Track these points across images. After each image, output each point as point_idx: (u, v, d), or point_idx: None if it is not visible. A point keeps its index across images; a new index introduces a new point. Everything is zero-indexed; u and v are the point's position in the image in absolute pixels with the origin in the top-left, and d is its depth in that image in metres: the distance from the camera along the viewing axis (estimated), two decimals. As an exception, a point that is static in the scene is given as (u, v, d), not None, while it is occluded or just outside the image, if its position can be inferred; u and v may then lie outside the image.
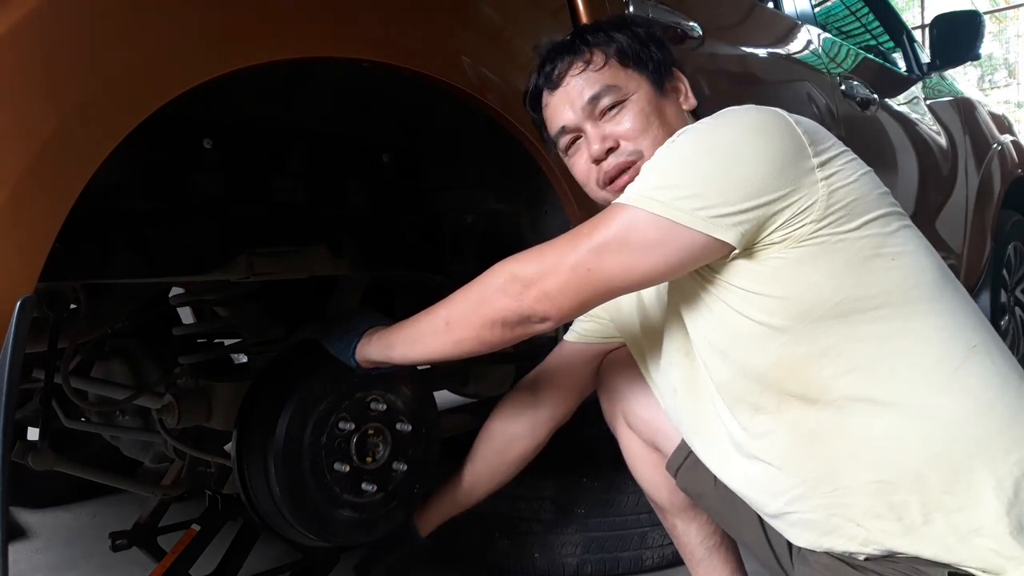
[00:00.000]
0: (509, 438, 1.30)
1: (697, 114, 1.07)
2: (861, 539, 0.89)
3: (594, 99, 1.02)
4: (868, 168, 0.93)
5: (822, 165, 0.86)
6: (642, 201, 0.87)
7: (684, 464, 1.15)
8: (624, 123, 1.01)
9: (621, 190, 0.97)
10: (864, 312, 0.86)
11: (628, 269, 0.89)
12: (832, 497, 0.90)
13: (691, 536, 1.28)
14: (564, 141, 1.07)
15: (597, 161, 1.03)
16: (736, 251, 0.87)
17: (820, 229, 0.85)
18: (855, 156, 0.93)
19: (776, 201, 0.85)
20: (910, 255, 0.89)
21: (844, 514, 0.90)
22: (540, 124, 1.11)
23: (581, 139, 1.05)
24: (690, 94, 1.07)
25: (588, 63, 1.03)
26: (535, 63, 1.10)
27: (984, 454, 0.83)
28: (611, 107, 1.02)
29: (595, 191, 1.06)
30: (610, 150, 1.02)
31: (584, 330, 1.27)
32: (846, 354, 0.87)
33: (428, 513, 1.34)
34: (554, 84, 1.05)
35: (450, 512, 1.34)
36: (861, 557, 0.90)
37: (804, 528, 0.95)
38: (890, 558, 0.88)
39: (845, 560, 0.92)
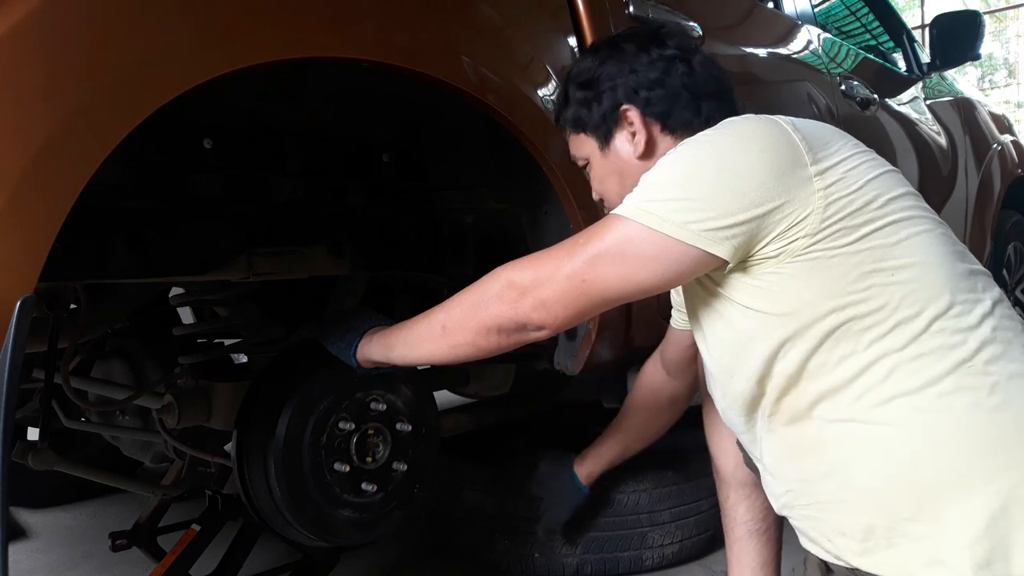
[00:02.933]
0: (659, 384, 1.45)
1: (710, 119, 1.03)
2: (832, 554, 0.90)
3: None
4: (884, 169, 0.90)
5: (821, 174, 0.85)
6: (637, 213, 0.87)
7: None
8: (592, 182, 1.12)
9: None
10: (855, 332, 0.84)
11: (623, 280, 0.89)
12: (808, 510, 0.92)
13: (738, 513, 1.30)
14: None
15: None
16: (731, 265, 0.87)
17: (815, 243, 0.84)
18: (869, 158, 0.90)
19: (770, 213, 0.84)
20: (914, 267, 0.85)
21: (818, 528, 0.91)
22: None
23: None
24: (640, 138, 1.03)
25: (562, 129, 1.14)
26: None
27: (956, 483, 0.80)
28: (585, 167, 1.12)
29: None
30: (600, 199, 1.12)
31: (676, 318, 1.34)
32: (833, 373, 0.86)
33: (589, 464, 1.54)
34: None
35: (615, 459, 1.54)
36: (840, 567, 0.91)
37: (797, 532, 0.97)
38: (856, 573, 0.88)
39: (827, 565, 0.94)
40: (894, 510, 0.83)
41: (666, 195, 0.87)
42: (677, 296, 1.30)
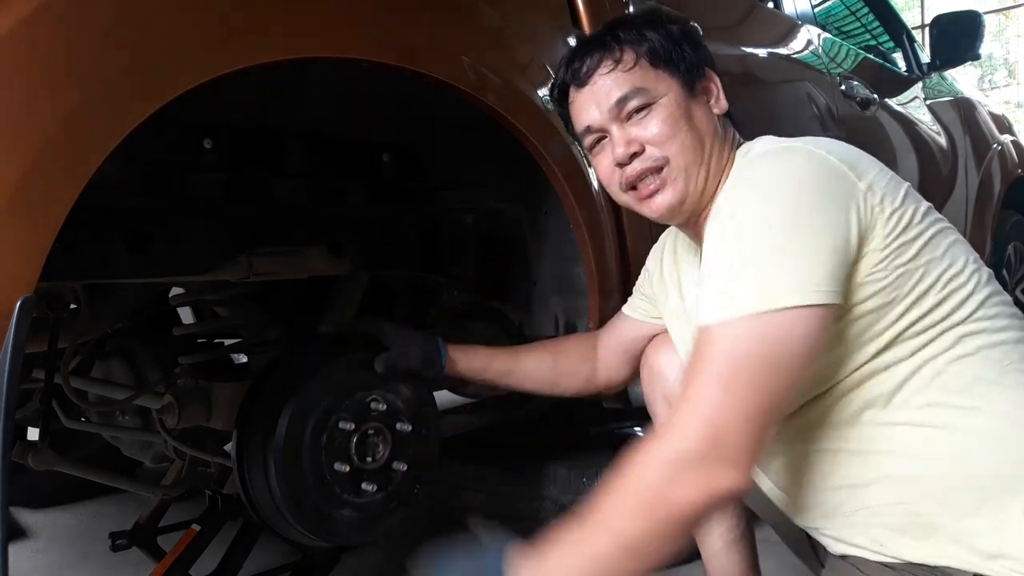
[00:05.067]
0: (585, 355, 1.30)
1: (731, 116, 1.03)
2: (890, 554, 0.88)
3: (621, 101, 0.98)
4: (907, 184, 0.89)
5: (870, 189, 0.84)
6: (740, 310, 0.80)
7: None
8: (651, 127, 0.97)
9: (644, 198, 0.98)
10: (903, 340, 0.84)
11: (786, 377, 0.80)
12: (856, 517, 0.89)
13: (711, 525, 1.27)
14: (589, 140, 1.04)
15: (621, 165, 0.99)
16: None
17: (882, 260, 0.83)
18: (892, 173, 0.89)
19: (849, 242, 0.82)
20: (957, 276, 0.86)
21: (868, 533, 0.89)
22: (565, 119, 1.08)
23: (606, 139, 1.01)
24: (721, 96, 1.02)
25: (618, 62, 0.99)
26: (564, 56, 1.06)
27: (1015, 477, 0.82)
28: (639, 109, 0.98)
29: (617, 194, 1.03)
30: (635, 154, 0.98)
31: (637, 307, 1.25)
32: (880, 378, 0.85)
33: (463, 352, 1.28)
34: (581, 81, 1.01)
35: (479, 367, 1.29)
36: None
37: (832, 541, 0.95)
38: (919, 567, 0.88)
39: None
40: (955, 507, 0.83)
41: (757, 274, 0.80)
42: (648, 287, 1.24)
